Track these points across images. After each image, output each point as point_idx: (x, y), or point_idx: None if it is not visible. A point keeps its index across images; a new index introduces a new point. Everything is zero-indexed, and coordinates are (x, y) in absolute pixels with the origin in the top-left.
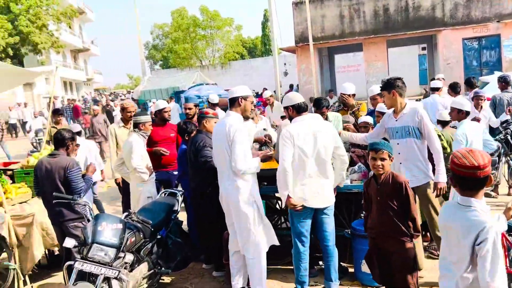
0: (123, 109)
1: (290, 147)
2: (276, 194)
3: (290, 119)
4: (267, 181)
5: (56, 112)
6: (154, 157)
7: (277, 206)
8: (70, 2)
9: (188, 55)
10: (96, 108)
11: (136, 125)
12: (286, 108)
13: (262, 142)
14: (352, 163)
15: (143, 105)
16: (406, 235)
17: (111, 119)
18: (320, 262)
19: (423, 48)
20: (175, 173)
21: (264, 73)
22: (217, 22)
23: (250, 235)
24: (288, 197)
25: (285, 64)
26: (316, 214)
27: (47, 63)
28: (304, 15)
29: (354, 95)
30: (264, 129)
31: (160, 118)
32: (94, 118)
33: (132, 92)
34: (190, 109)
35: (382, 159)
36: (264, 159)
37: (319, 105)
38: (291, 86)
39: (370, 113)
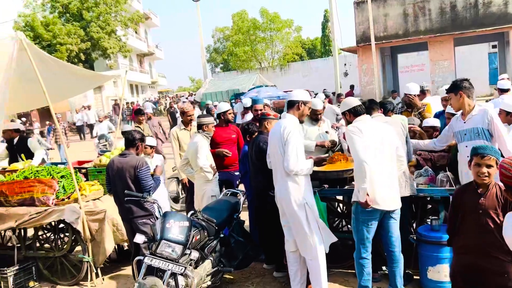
0: (183, 113)
1: (360, 139)
2: (338, 197)
3: (348, 124)
4: (328, 183)
5: (139, 113)
6: (217, 158)
7: (339, 209)
8: (136, 8)
9: (248, 57)
10: (150, 112)
11: (200, 126)
12: (343, 113)
13: (327, 146)
14: (418, 166)
15: (205, 106)
16: (510, 255)
17: (175, 120)
18: (384, 267)
19: (494, 46)
20: (237, 173)
21: (323, 74)
22: (276, 24)
23: (306, 236)
24: (367, 193)
25: (345, 64)
26: (383, 218)
27: (115, 67)
28: (365, 15)
29: (419, 95)
30: (327, 132)
31: (223, 120)
32: (149, 121)
33: (194, 95)
34: (260, 110)
35: (489, 166)
36: (318, 162)
37: (385, 109)
38: (352, 87)
39: (439, 114)
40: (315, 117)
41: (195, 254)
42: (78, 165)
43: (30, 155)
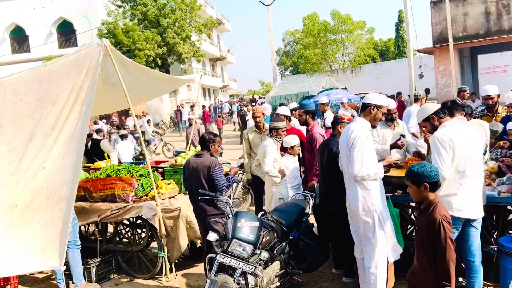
0: (253, 115)
1: (447, 154)
2: (411, 203)
3: (434, 129)
4: (401, 189)
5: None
6: None
7: (413, 216)
8: (210, 14)
9: (318, 60)
10: (191, 117)
11: (271, 130)
12: (427, 119)
13: (402, 146)
14: (500, 173)
15: (274, 109)
16: None
17: (245, 123)
18: (461, 279)
19: None
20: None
21: (396, 76)
22: (348, 25)
23: (370, 245)
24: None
25: (420, 66)
26: (463, 227)
27: (189, 71)
28: (443, 14)
29: (498, 96)
30: (402, 135)
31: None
32: (189, 128)
33: (264, 98)
34: (300, 116)
35: None
36: (389, 166)
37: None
38: (427, 91)
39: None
40: (388, 117)
41: (264, 255)
42: (155, 164)
43: (102, 156)
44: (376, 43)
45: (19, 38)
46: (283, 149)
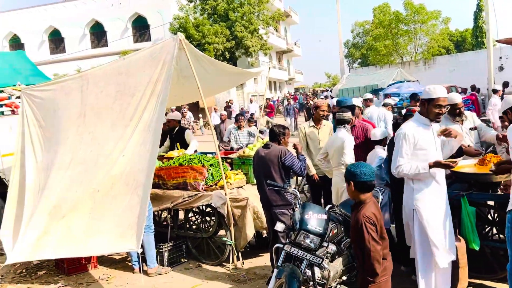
0: (317, 107)
1: None
2: (489, 202)
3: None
4: (477, 187)
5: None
6: None
7: (489, 216)
8: (278, 7)
9: (388, 51)
10: (224, 113)
11: (341, 122)
12: (504, 113)
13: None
14: None
15: (339, 103)
16: None
17: (310, 116)
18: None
19: None
20: None
21: (473, 68)
22: (422, 15)
23: (413, 245)
24: None
25: (500, 58)
26: None
27: (256, 64)
28: None
29: None
30: (473, 129)
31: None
32: (222, 124)
33: (330, 90)
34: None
35: None
36: (438, 166)
37: None
38: (506, 84)
39: None
40: (454, 112)
41: (332, 248)
42: (224, 155)
43: (184, 145)
44: (451, 33)
45: (98, 34)
46: None
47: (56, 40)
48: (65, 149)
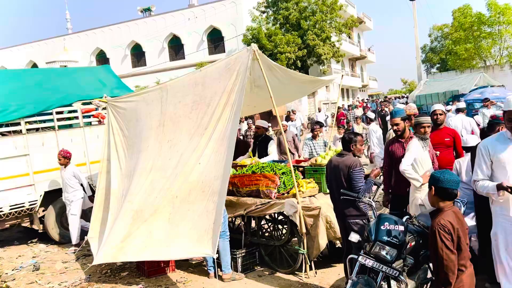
0: (418, 124)
1: None
2: None
3: None
4: None
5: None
6: None
7: None
8: (351, 13)
9: (469, 55)
10: (285, 123)
11: (415, 126)
12: None
13: None
14: None
15: (419, 109)
16: None
17: (385, 124)
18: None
19: None
20: None
21: None
22: (507, 16)
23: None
24: None
25: None
26: None
27: (328, 72)
28: None
29: None
30: None
31: (434, 122)
32: (281, 135)
33: (407, 97)
34: (397, 124)
35: None
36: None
37: None
38: None
39: None
40: None
41: (409, 260)
42: (296, 163)
43: (266, 153)
44: None
45: (176, 47)
46: None
47: (138, 54)
48: (146, 157)
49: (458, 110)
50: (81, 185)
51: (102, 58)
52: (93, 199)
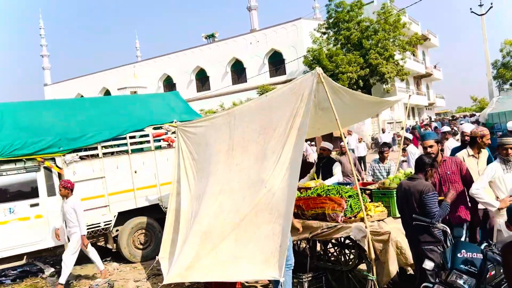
0: (482, 136)
1: None
2: None
3: None
4: None
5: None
6: None
7: None
8: (415, 31)
9: None
10: (342, 144)
11: (498, 148)
12: None
13: None
14: None
15: (491, 128)
16: None
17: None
18: None
19: None
20: None
21: None
22: None
23: None
24: None
25: None
26: None
27: (392, 90)
28: None
29: None
30: None
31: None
32: (343, 156)
33: (478, 115)
34: (431, 147)
35: None
36: None
37: None
38: None
39: None
40: None
41: None
42: (362, 186)
43: (330, 175)
44: None
45: (238, 71)
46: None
47: (202, 79)
48: (215, 180)
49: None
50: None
51: (169, 83)
52: (163, 220)
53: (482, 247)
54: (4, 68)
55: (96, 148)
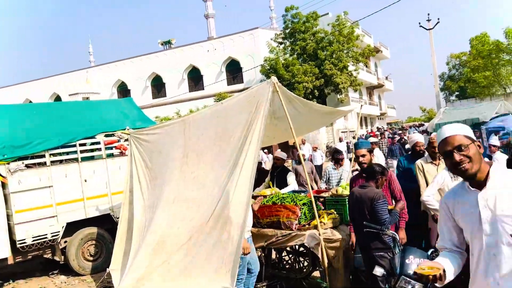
0: (430, 144)
1: None
2: None
3: None
4: None
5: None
6: None
7: None
8: (367, 43)
9: (489, 83)
10: (303, 152)
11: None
12: None
13: None
14: None
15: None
16: None
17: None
18: None
19: None
20: None
21: None
22: None
23: None
24: None
25: None
26: None
27: (345, 101)
28: None
29: None
30: None
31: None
32: (299, 165)
33: (426, 125)
34: (363, 156)
35: None
36: None
37: None
38: None
39: None
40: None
41: None
42: (316, 194)
43: (284, 185)
44: None
45: (195, 78)
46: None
47: (158, 85)
48: (169, 188)
49: None
50: None
51: (123, 89)
52: (114, 231)
53: (429, 252)
54: None
55: (43, 156)
